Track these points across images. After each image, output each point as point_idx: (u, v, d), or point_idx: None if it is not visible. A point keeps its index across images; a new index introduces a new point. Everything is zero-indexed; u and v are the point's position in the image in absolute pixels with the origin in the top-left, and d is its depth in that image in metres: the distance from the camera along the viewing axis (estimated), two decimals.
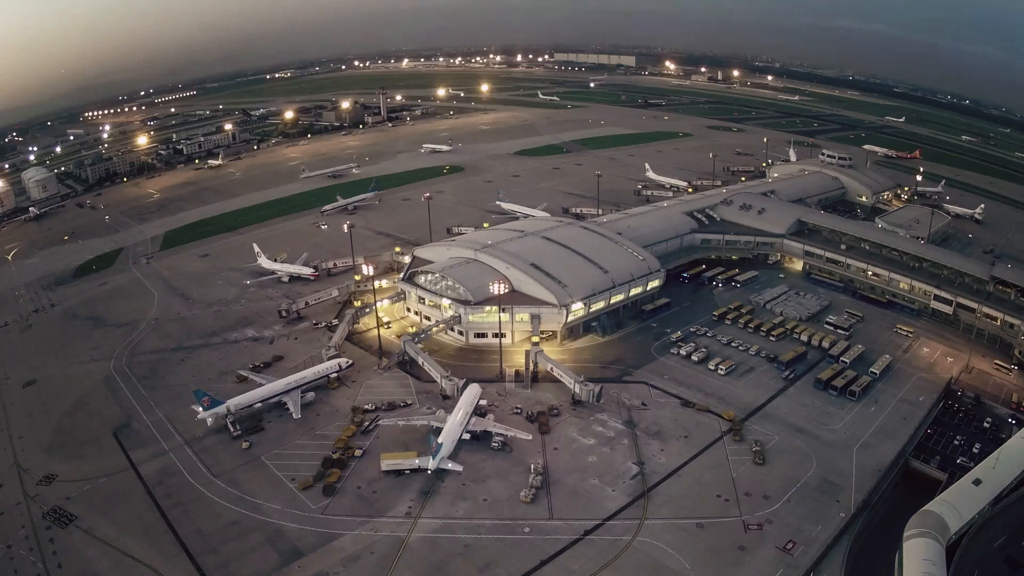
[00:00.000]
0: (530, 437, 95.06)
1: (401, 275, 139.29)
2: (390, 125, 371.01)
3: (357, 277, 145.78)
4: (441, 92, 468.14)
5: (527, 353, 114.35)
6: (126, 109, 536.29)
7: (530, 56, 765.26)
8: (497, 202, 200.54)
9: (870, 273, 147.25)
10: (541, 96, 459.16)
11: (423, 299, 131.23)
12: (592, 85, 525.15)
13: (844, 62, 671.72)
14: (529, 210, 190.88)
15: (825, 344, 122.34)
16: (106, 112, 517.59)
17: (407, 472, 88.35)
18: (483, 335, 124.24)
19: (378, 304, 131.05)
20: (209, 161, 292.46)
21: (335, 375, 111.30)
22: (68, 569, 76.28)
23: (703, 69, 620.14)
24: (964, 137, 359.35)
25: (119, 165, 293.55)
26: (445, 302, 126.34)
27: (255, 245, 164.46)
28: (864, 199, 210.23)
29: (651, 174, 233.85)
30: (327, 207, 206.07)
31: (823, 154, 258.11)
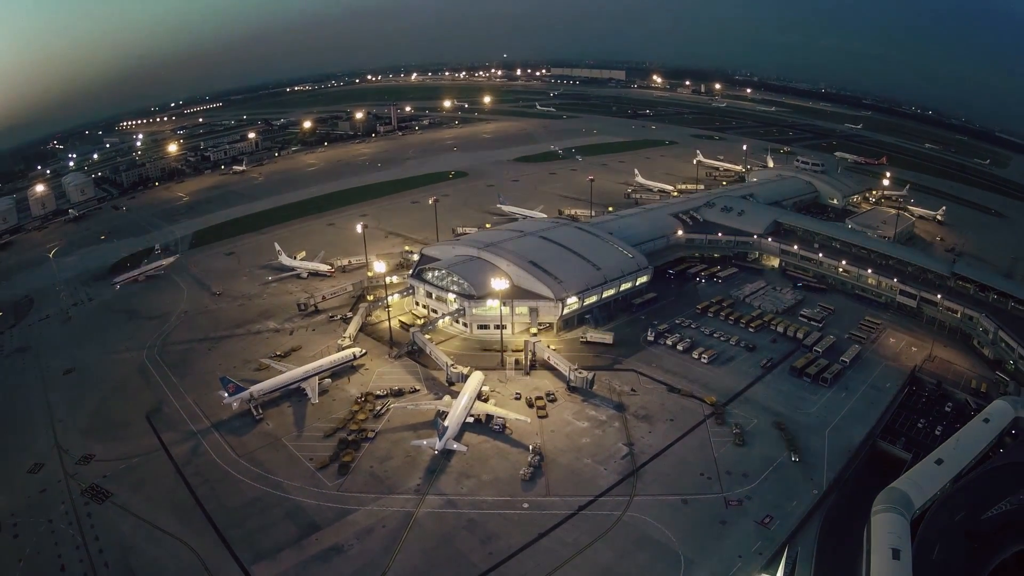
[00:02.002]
0: (528, 420, 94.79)
1: (410, 272, 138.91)
2: (400, 134, 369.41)
3: (370, 273, 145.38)
4: (447, 103, 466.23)
5: (526, 343, 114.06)
6: (158, 119, 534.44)
7: (528, 70, 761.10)
8: (498, 205, 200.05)
9: (841, 269, 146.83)
10: (539, 107, 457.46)
11: (430, 294, 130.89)
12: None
13: (818, 76, 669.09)
14: (528, 212, 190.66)
15: (800, 335, 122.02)
16: (139, 122, 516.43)
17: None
18: (485, 327, 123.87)
19: (389, 298, 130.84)
20: (234, 167, 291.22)
21: (350, 364, 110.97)
22: (104, 541, 76.18)
23: (687, 82, 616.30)
24: (927, 144, 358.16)
25: (151, 171, 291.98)
26: (450, 296, 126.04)
27: (276, 244, 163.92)
28: (835, 201, 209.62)
29: (640, 179, 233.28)
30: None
31: (797, 160, 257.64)
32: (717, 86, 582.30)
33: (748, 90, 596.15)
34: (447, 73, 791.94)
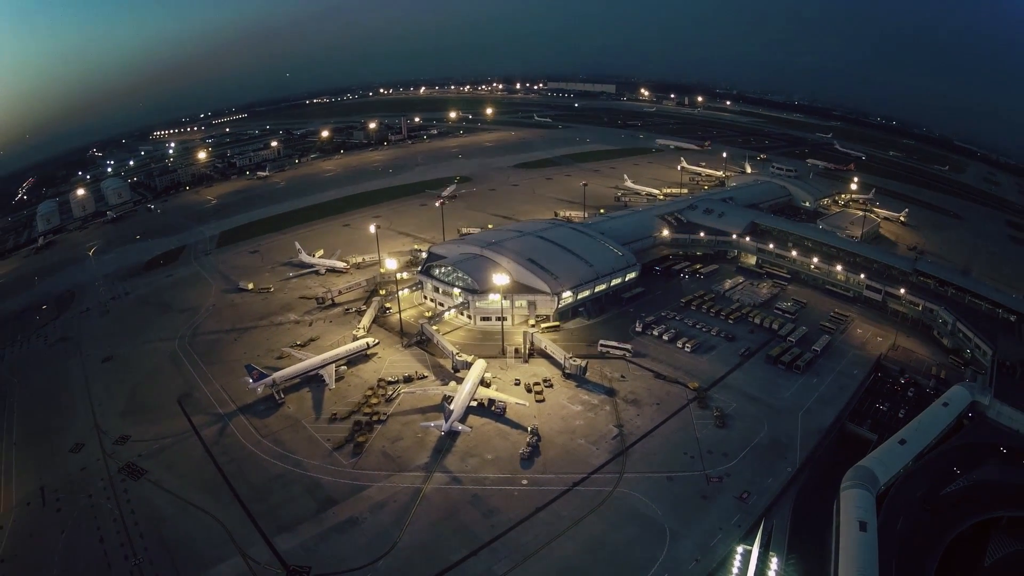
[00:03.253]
0: (527, 404, 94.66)
1: (419, 268, 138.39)
2: (410, 142, 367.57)
3: (382, 270, 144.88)
4: (452, 115, 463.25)
5: (524, 333, 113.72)
6: (188, 129, 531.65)
7: (527, 84, 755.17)
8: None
9: (812, 266, 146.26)
10: (536, 118, 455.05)
11: (437, 288, 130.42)
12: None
13: (792, 89, 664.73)
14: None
15: (775, 326, 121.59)
16: (171, 131, 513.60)
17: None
18: (488, 318, 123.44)
19: (400, 293, 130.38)
20: (258, 173, 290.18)
21: (364, 352, 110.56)
22: (140, 515, 76.08)
23: (672, 95, 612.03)
24: (891, 152, 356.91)
25: (182, 176, 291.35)
26: (456, 291, 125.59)
27: (297, 243, 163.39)
28: (807, 204, 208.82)
29: (629, 183, 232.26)
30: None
31: (773, 166, 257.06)
32: (700, 99, 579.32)
33: (728, 102, 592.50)
34: (452, 87, 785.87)
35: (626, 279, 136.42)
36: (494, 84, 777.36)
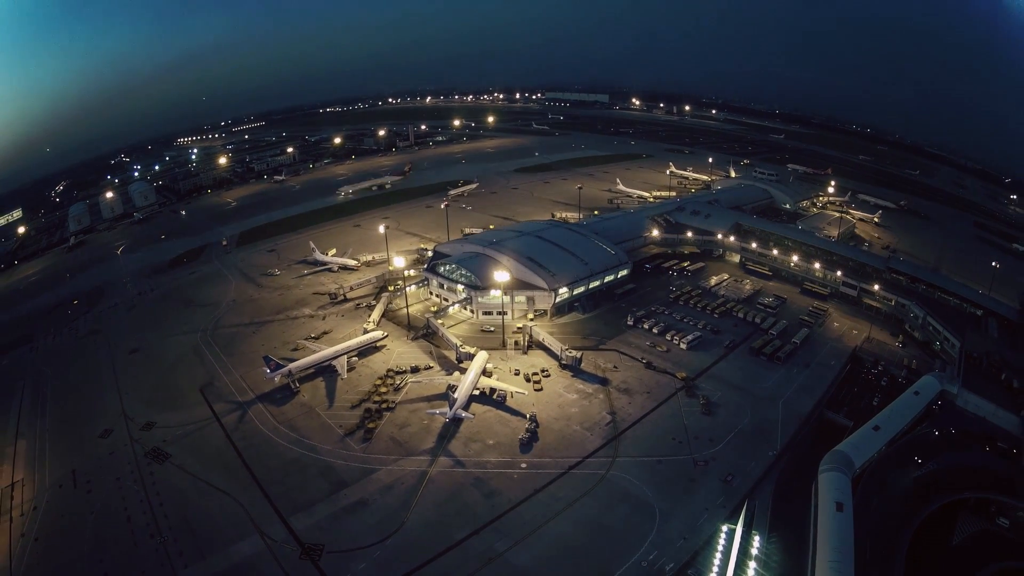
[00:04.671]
0: (526, 393, 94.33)
1: (425, 266, 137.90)
2: (416, 148, 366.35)
3: (391, 267, 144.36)
4: (456, 122, 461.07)
5: (524, 327, 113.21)
6: (210, 136, 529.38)
7: (526, 94, 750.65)
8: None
9: (792, 264, 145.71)
10: (535, 125, 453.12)
11: (442, 284, 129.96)
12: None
13: (772, 98, 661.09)
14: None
15: (757, 320, 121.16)
16: (194, 138, 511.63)
17: None
18: (489, 313, 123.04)
19: (407, 289, 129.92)
20: (275, 177, 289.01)
21: (374, 344, 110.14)
22: (165, 496, 75.98)
23: (661, 104, 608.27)
24: (860, 156, 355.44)
25: (204, 180, 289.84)
26: (459, 287, 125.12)
27: (311, 242, 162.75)
28: (787, 206, 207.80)
29: (621, 186, 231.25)
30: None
31: (755, 171, 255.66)
32: (687, 107, 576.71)
33: (713, 111, 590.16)
34: (456, 97, 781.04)
35: (618, 276, 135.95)
36: (495, 94, 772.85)
